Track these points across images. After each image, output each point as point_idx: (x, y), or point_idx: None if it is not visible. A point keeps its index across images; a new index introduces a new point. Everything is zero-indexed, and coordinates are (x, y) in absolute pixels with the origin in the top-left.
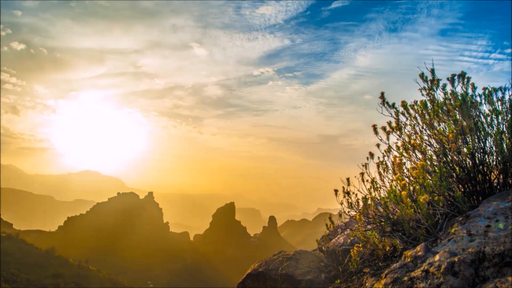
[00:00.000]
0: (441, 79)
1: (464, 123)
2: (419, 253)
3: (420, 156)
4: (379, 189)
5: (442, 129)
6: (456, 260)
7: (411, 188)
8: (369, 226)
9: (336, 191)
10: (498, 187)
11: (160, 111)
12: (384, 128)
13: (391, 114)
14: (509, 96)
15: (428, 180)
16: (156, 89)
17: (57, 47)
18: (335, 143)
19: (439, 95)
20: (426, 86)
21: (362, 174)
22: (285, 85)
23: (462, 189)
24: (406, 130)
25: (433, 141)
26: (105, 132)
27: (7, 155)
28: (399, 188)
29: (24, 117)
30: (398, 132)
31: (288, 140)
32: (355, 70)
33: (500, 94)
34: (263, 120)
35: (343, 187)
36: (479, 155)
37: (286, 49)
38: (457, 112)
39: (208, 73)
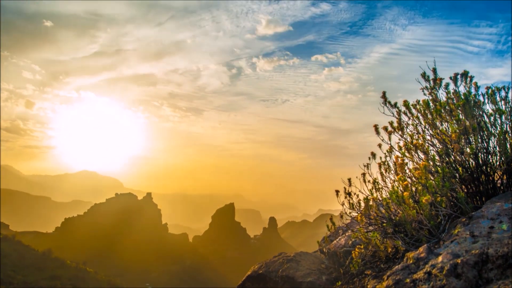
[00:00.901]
0: (443, 78)
1: (467, 123)
2: (422, 255)
3: (422, 156)
4: (381, 189)
5: (444, 129)
6: (459, 261)
7: (413, 188)
8: (370, 228)
9: (337, 191)
10: (502, 187)
11: (157, 102)
12: (386, 128)
13: (393, 113)
14: None
15: (431, 181)
16: (151, 73)
17: (44, 12)
18: (346, 139)
19: (442, 95)
20: (428, 85)
21: (363, 174)
22: (301, 67)
23: (465, 190)
24: (408, 130)
25: (436, 141)
26: (102, 131)
27: (4, 155)
28: (401, 188)
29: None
30: (400, 132)
31: (295, 136)
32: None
33: (503, 93)
34: (272, 112)
35: (345, 188)
36: (482, 155)
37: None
38: (460, 112)
39: (211, 51)
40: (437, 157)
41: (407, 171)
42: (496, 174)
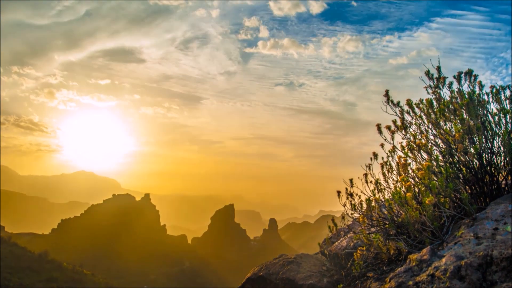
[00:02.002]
0: (447, 77)
1: (471, 123)
2: (425, 257)
3: (425, 156)
4: (383, 190)
5: (448, 128)
6: (463, 264)
7: (416, 189)
8: (373, 229)
9: (338, 192)
10: (507, 188)
11: (146, 90)
12: (388, 127)
13: (395, 113)
14: None
15: (434, 182)
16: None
17: None
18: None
19: (445, 94)
20: (431, 84)
21: (365, 175)
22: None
23: (469, 191)
24: (411, 130)
25: (439, 141)
26: (99, 130)
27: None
28: (404, 189)
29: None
30: (403, 132)
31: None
32: None
33: (508, 93)
34: (282, 100)
35: (346, 189)
36: (486, 156)
37: None
38: (464, 111)
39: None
40: (440, 157)
41: (410, 171)
42: (500, 174)
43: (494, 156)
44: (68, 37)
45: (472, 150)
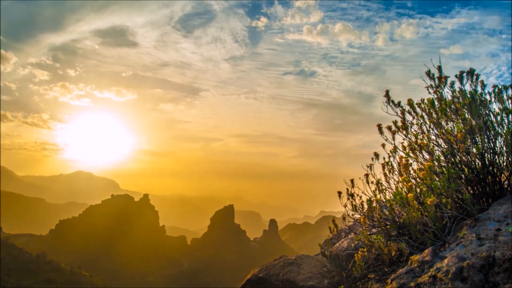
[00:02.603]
0: (449, 76)
1: (473, 122)
2: (426, 258)
3: (427, 156)
4: (384, 191)
5: (450, 128)
6: (465, 265)
7: (418, 190)
8: (374, 230)
9: (339, 193)
10: (509, 189)
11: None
12: (389, 128)
13: (396, 113)
14: None
15: (436, 182)
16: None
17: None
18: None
19: (447, 93)
20: (433, 83)
21: (366, 175)
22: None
23: (471, 191)
24: (412, 130)
25: (441, 141)
26: (97, 129)
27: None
28: (405, 190)
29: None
30: (404, 132)
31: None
32: None
33: (510, 92)
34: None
35: (347, 189)
36: (489, 156)
37: None
38: (466, 111)
39: None
40: (442, 158)
41: (412, 172)
42: (503, 175)
43: (496, 156)
44: (51, 16)
45: (474, 150)
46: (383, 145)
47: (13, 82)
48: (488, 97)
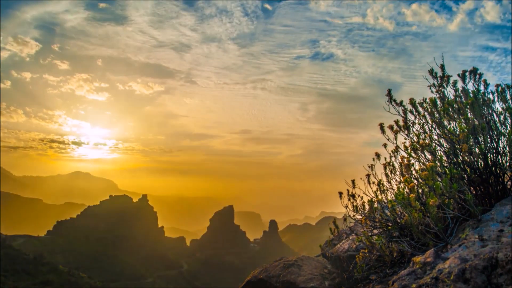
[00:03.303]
0: (451, 75)
1: (476, 122)
2: (428, 259)
3: (429, 156)
4: (386, 191)
5: (452, 128)
6: (468, 266)
7: (420, 190)
8: (375, 231)
9: (340, 193)
10: None
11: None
12: (391, 127)
13: (398, 112)
14: None
15: (438, 182)
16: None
17: None
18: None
19: (450, 93)
20: (435, 82)
21: (368, 175)
22: None
23: (474, 192)
24: (414, 129)
25: (443, 141)
26: (95, 128)
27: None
28: (407, 190)
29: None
30: (406, 132)
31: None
32: None
33: None
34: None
35: (348, 190)
36: (491, 156)
37: None
38: (469, 110)
39: None
40: (444, 158)
41: (413, 172)
42: (506, 175)
43: (499, 156)
44: None
45: (477, 150)
46: (385, 145)
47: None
48: (491, 96)
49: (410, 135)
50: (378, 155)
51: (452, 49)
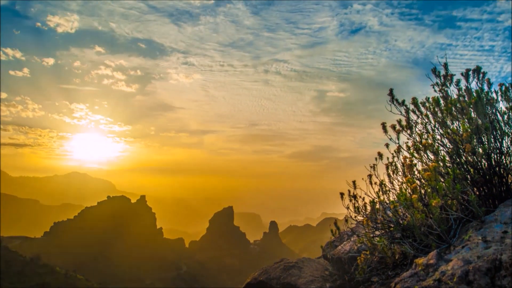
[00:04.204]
0: (454, 74)
1: (479, 122)
2: (431, 261)
3: (432, 157)
4: (388, 192)
5: (455, 128)
6: (471, 268)
7: (423, 191)
8: (377, 232)
9: (342, 194)
10: None
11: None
12: (393, 127)
13: (400, 112)
14: None
15: (441, 183)
16: None
17: None
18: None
19: (453, 92)
20: (438, 81)
21: (369, 176)
22: None
23: (477, 192)
24: (417, 129)
25: (446, 140)
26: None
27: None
28: (409, 191)
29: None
30: (408, 131)
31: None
32: None
33: None
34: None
35: (349, 190)
36: (495, 156)
37: None
38: (472, 110)
39: None
40: (447, 158)
41: (416, 172)
42: (509, 176)
43: (503, 157)
44: None
45: (480, 150)
46: (387, 145)
47: None
48: (494, 95)
49: (413, 135)
50: (380, 155)
51: None
